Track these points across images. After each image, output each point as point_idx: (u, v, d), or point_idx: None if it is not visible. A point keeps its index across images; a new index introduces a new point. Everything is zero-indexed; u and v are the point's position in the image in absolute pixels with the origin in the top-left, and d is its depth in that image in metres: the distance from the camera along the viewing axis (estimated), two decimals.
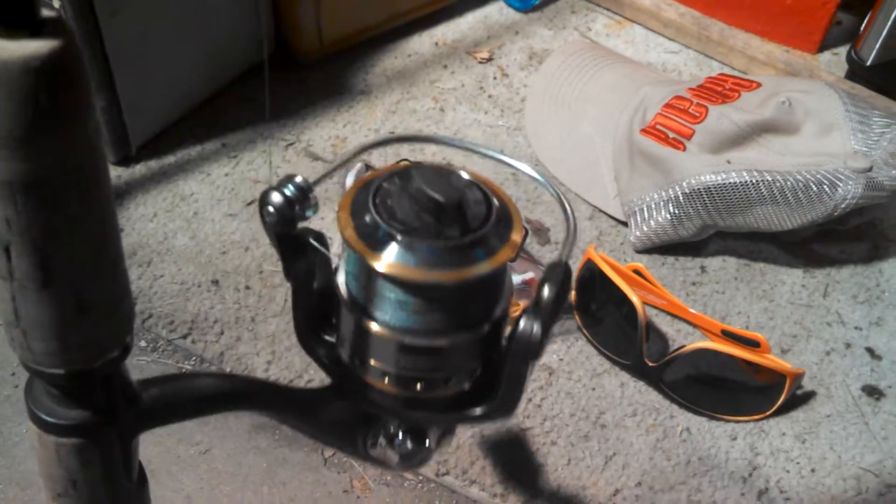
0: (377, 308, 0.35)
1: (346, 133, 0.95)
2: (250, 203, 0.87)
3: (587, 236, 0.88)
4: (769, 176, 0.79)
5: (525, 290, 0.78)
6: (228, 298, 0.79)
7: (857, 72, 1.06)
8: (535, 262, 0.82)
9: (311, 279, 0.38)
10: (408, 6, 1.08)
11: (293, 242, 0.36)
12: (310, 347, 0.39)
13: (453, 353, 0.36)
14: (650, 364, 0.74)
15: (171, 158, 0.91)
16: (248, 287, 0.79)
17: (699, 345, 0.73)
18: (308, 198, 0.35)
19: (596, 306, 0.78)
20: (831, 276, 0.87)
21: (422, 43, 1.09)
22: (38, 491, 0.64)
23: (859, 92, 1.02)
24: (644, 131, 0.85)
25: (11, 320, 0.30)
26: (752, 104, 0.83)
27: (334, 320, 0.38)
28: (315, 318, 0.39)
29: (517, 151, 0.96)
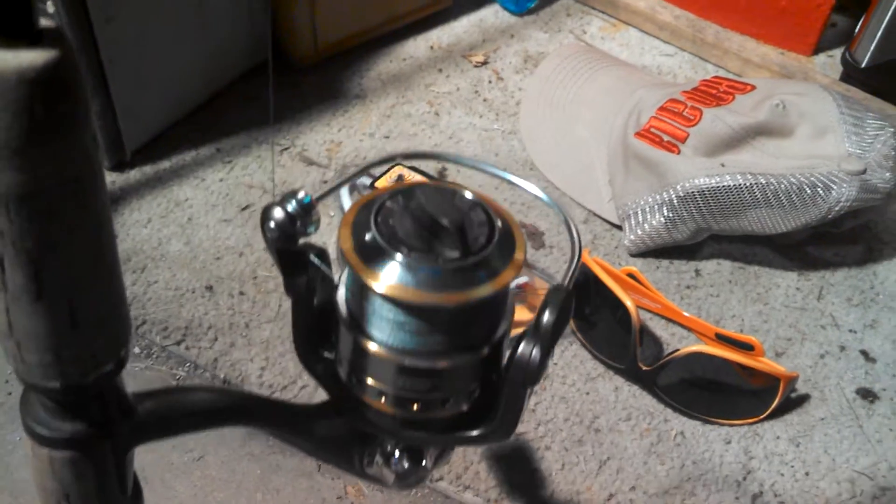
0: (376, 328, 0.34)
1: (341, 137, 0.95)
2: (245, 208, 0.87)
3: (581, 240, 0.88)
4: (763, 179, 0.79)
5: (519, 293, 0.78)
6: (222, 304, 0.78)
7: (852, 74, 1.07)
8: (530, 266, 0.82)
9: (312, 295, 0.37)
10: (403, 10, 1.08)
11: (294, 258, 0.36)
12: (308, 363, 0.39)
13: (452, 375, 0.36)
14: (644, 368, 0.74)
15: (165, 163, 0.91)
16: (242, 293, 0.79)
17: (693, 348, 0.73)
18: (310, 213, 0.35)
19: (590, 310, 0.78)
20: (825, 278, 0.87)
21: (417, 47, 1.09)
22: (31, 499, 0.63)
23: (854, 94, 1.02)
24: (638, 134, 0.85)
25: (5, 332, 0.30)
26: (747, 107, 0.83)
27: (334, 337, 0.38)
28: (315, 335, 0.38)
29: (512, 155, 0.96)
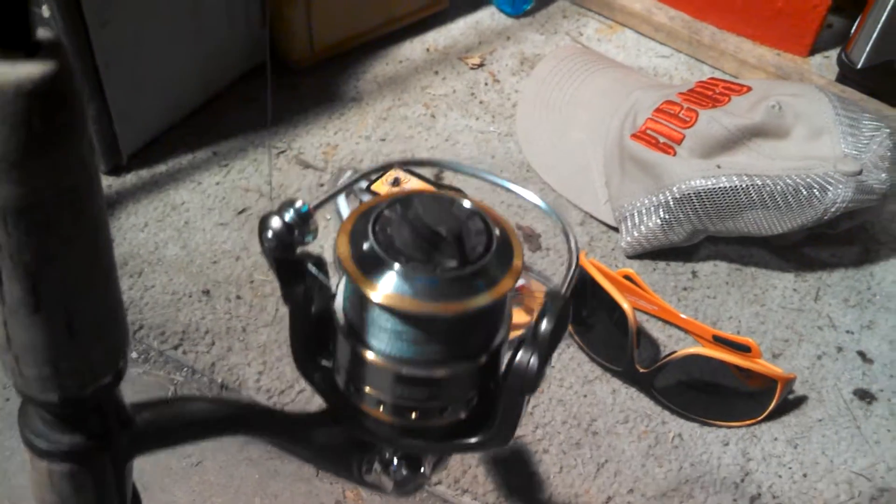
0: (373, 337, 0.34)
1: (338, 140, 0.95)
2: (241, 212, 0.87)
3: (578, 242, 0.88)
4: (759, 180, 0.79)
5: (516, 296, 0.78)
6: (219, 308, 0.78)
7: (848, 75, 1.07)
8: (527, 269, 0.82)
9: (310, 304, 0.37)
10: (399, 12, 1.08)
11: (292, 267, 0.36)
12: (306, 372, 0.39)
13: (450, 384, 0.36)
14: (641, 370, 0.74)
15: (162, 167, 0.91)
16: (238, 297, 0.79)
17: (690, 350, 0.73)
18: (307, 223, 0.35)
19: (587, 312, 0.78)
20: (822, 279, 0.87)
21: (413, 49, 1.09)
22: None
23: (850, 95, 1.03)
24: (635, 136, 0.85)
25: (3, 345, 0.30)
26: (743, 108, 0.83)
27: (331, 346, 0.38)
28: (312, 343, 0.38)
29: (508, 157, 0.96)
